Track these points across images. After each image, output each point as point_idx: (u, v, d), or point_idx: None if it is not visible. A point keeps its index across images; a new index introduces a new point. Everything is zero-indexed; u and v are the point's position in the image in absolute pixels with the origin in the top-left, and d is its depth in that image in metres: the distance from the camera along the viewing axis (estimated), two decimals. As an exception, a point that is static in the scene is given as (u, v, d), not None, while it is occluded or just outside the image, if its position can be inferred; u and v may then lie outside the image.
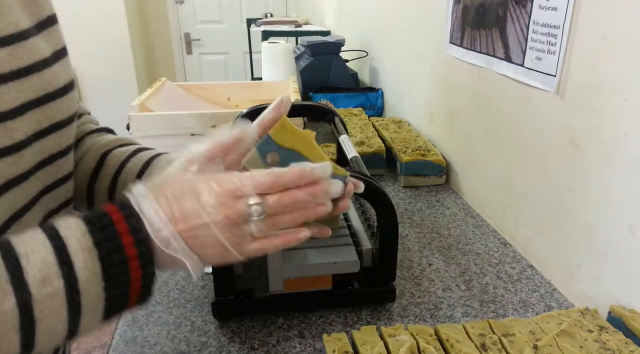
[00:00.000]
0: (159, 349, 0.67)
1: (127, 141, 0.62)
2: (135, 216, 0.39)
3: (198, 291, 0.79)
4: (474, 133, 1.07)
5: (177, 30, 4.06)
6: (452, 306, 0.75)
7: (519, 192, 0.91)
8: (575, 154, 0.74)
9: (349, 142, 0.90)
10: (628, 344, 0.59)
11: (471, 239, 0.94)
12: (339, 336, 0.62)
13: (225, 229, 0.40)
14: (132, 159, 0.58)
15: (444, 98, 1.22)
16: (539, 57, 0.79)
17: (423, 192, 1.14)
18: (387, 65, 1.73)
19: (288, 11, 4.11)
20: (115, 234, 0.38)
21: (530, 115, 0.85)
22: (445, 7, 1.13)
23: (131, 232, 0.38)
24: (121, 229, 0.38)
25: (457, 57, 1.10)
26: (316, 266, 0.71)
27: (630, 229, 0.65)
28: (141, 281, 0.39)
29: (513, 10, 0.86)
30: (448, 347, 0.59)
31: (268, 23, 2.68)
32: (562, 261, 0.79)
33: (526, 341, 0.60)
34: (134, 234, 0.38)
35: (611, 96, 0.66)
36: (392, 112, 1.66)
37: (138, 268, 0.38)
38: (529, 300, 0.77)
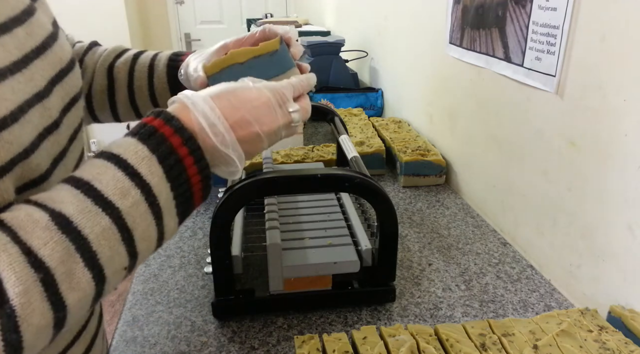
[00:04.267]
0: (159, 349, 0.67)
1: (120, 49, 0.68)
2: (174, 118, 0.41)
3: (198, 291, 0.79)
4: (473, 133, 1.07)
5: (177, 31, 4.07)
6: (452, 306, 0.75)
7: (518, 192, 0.91)
8: (574, 154, 0.74)
9: (349, 142, 0.90)
10: (628, 344, 0.59)
11: (471, 239, 0.94)
12: (338, 336, 0.62)
13: (271, 136, 0.46)
14: (135, 66, 0.65)
15: (444, 98, 1.22)
16: (538, 57, 0.80)
17: (423, 192, 1.14)
18: (387, 65, 1.73)
19: (288, 11, 4.11)
20: (163, 138, 0.40)
21: (529, 115, 0.85)
22: (445, 8, 1.13)
23: (177, 132, 0.40)
24: (167, 132, 0.40)
25: (457, 58, 1.10)
26: (316, 266, 0.71)
27: (630, 229, 0.65)
28: (199, 176, 0.41)
29: (513, 11, 0.86)
30: (448, 347, 0.60)
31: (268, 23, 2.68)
32: (561, 261, 0.79)
33: (526, 341, 0.60)
34: (180, 133, 0.40)
35: (611, 96, 0.66)
36: (392, 112, 1.66)
37: (193, 164, 0.41)
38: (529, 300, 0.77)
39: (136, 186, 0.38)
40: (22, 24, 0.41)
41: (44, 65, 0.42)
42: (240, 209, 0.79)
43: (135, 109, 0.67)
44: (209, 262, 0.71)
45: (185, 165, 0.40)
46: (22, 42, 0.40)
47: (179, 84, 0.63)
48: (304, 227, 0.80)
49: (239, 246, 0.74)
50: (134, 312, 0.75)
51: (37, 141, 0.38)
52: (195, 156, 0.41)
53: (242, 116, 0.44)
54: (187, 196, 0.41)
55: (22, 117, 0.37)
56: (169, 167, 0.39)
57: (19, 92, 0.37)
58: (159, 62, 0.65)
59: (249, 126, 0.44)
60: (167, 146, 0.40)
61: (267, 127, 0.45)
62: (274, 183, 0.66)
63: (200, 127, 0.41)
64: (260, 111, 0.45)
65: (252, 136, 0.44)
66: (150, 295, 0.78)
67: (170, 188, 0.39)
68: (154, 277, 0.83)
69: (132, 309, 0.75)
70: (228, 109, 0.43)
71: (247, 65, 0.55)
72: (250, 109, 0.44)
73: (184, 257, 0.88)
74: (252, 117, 0.44)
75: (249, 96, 0.45)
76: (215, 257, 0.68)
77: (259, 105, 0.45)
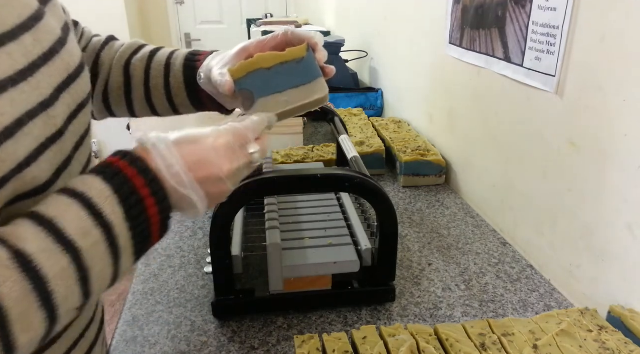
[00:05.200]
0: (159, 349, 0.67)
1: (137, 45, 0.68)
2: (139, 160, 0.41)
3: (198, 291, 0.79)
4: (473, 133, 1.07)
5: (178, 31, 4.06)
6: (451, 305, 0.75)
7: (518, 192, 0.91)
8: (574, 154, 0.74)
9: (349, 142, 0.90)
10: (627, 344, 0.59)
11: (471, 239, 0.94)
12: (338, 336, 0.62)
13: (232, 177, 0.46)
14: (152, 65, 0.65)
15: (444, 98, 1.22)
16: (538, 57, 0.80)
17: (423, 192, 1.14)
18: (387, 65, 1.73)
19: (288, 11, 4.11)
20: (127, 179, 0.40)
21: (529, 115, 0.85)
22: (445, 8, 1.13)
23: (140, 174, 0.41)
24: (130, 174, 0.40)
25: (457, 58, 1.10)
26: (316, 266, 0.71)
27: (630, 229, 0.65)
28: (159, 216, 0.42)
29: (512, 11, 0.86)
30: (448, 347, 0.60)
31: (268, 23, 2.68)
32: (561, 261, 0.79)
33: (526, 340, 0.60)
34: (144, 175, 0.41)
35: (610, 96, 0.66)
36: (391, 112, 1.66)
37: (154, 204, 0.41)
38: (529, 300, 0.77)
39: (98, 225, 0.37)
40: (30, 30, 0.40)
41: (51, 72, 0.41)
42: (240, 209, 0.79)
43: (152, 106, 0.67)
44: (209, 262, 0.71)
45: (146, 205, 0.40)
46: (30, 49, 0.39)
47: (195, 84, 0.63)
48: (304, 227, 0.80)
49: (239, 246, 0.74)
50: (134, 312, 0.75)
51: (36, 153, 0.38)
52: (157, 197, 0.41)
53: (201, 158, 0.44)
54: (145, 235, 0.41)
55: (20, 131, 0.36)
56: (129, 207, 0.39)
57: (20, 103, 0.37)
58: (175, 61, 0.65)
59: (208, 166, 0.44)
60: (130, 187, 0.40)
61: (227, 167, 0.45)
62: (274, 183, 0.66)
63: (160, 171, 0.42)
64: (220, 153, 0.45)
65: (212, 176, 0.44)
66: (151, 295, 0.78)
67: (128, 228, 0.39)
68: (154, 277, 0.83)
69: (132, 309, 0.75)
70: (187, 152, 0.44)
71: (274, 71, 0.54)
72: (209, 150, 0.45)
73: (184, 257, 0.88)
74: (211, 159, 0.44)
75: (209, 138, 0.46)
76: (215, 257, 0.68)
77: (219, 147, 0.45)
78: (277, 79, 0.54)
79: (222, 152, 0.45)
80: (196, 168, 0.43)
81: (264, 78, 0.54)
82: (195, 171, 0.43)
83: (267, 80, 0.54)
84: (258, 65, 0.54)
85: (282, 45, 0.58)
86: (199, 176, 0.43)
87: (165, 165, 0.42)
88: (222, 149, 0.45)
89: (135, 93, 0.66)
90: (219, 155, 0.45)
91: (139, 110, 0.68)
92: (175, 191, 0.42)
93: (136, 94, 0.66)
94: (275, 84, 0.54)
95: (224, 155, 0.45)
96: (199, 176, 0.43)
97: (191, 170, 0.43)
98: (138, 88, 0.65)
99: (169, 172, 0.42)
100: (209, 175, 0.44)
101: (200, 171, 0.44)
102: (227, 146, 0.46)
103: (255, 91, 0.54)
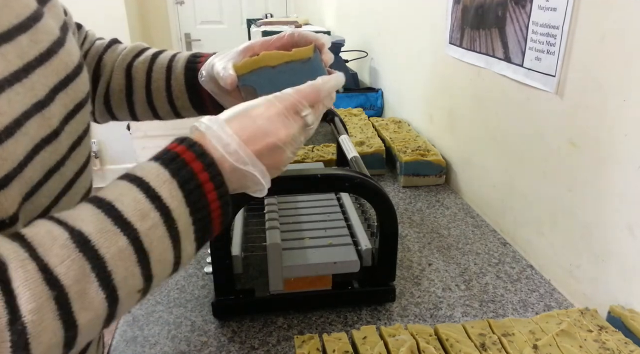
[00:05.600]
0: (159, 349, 0.67)
1: (139, 48, 0.68)
2: (196, 144, 0.41)
3: (198, 291, 0.79)
4: (473, 133, 1.07)
5: (178, 31, 4.06)
6: (451, 305, 0.75)
7: (518, 192, 0.91)
8: (574, 154, 0.74)
9: (349, 142, 0.90)
10: (627, 344, 0.59)
11: (471, 239, 0.94)
12: (338, 336, 0.62)
13: (289, 143, 0.45)
14: (153, 67, 0.65)
15: (444, 98, 1.22)
16: (538, 57, 0.80)
17: (423, 192, 1.14)
18: (387, 65, 1.73)
19: (288, 11, 4.11)
20: (185, 163, 0.40)
21: (530, 115, 0.85)
22: (445, 8, 1.13)
23: (198, 158, 0.40)
24: (188, 158, 0.40)
25: (457, 58, 1.10)
26: (316, 266, 0.71)
27: (630, 229, 0.65)
28: (218, 202, 0.41)
29: (512, 11, 0.86)
30: (448, 347, 0.60)
31: (268, 23, 2.68)
32: (561, 260, 0.79)
33: (526, 340, 0.60)
34: (202, 159, 0.40)
35: (610, 96, 0.66)
36: (391, 112, 1.66)
37: (212, 190, 0.41)
38: (529, 300, 0.77)
39: (156, 208, 0.38)
40: (27, 31, 0.40)
41: (47, 73, 0.41)
42: (240, 209, 0.79)
43: (153, 109, 0.67)
44: (209, 262, 0.71)
45: (205, 190, 0.40)
46: (25, 50, 0.39)
47: (196, 86, 0.63)
48: (304, 227, 0.80)
49: (239, 246, 0.74)
50: (134, 312, 0.75)
51: (32, 154, 0.38)
52: (215, 182, 0.41)
53: (255, 130, 0.44)
54: (205, 221, 0.41)
55: (18, 131, 0.36)
56: (188, 192, 0.39)
57: (16, 104, 0.37)
58: (177, 63, 0.65)
59: (263, 137, 0.44)
60: (188, 171, 0.40)
61: (282, 135, 0.44)
62: (274, 183, 0.66)
63: (218, 152, 0.41)
64: (273, 121, 0.45)
65: (269, 147, 0.44)
66: (150, 295, 0.78)
67: (189, 213, 0.39)
68: (154, 277, 0.83)
69: (132, 309, 0.75)
70: (240, 127, 0.43)
71: (279, 69, 0.54)
72: (262, 122, 0.44)
73: (184, 257, 0.88)
74: (265, 129, 0.44)
75: (259, 109, 0.45)
76: (215, 257, 0.68)
77: (271, 115, 0.45)
78: (282, 78, 0.54)
79: (274, 120, 0.45)
80: (253, 141, 0.43)
81: (269, 76, 0.54)
82: (252, 144, 0.43)
83: (272, 78, 0.54)
84: (263, 63, 0.54)
85: (287, 46, 0.58)
86: (256, 149, 0.43)
87: (222, 145, 0.42)
88: (274, 117, 0.45)
89: (137, 95, 0.66)
90: (273, 123, 0.44)
91: (141, 113, 0.68)
92: (235, 171, 0.42)
93: (138, 96, 0.66)
94: (279, 82, 0.54)
95: (277, 122, 0.45)
96: (256, 148, 0.43)
97: (248, 144, 0.43)
98: (139, 90, 0.65)
99: (227, 152, 0.42)
100: (267, 145, 0.44)
101: (257, 143, 0.43)
102: (278, 112, 0.45)
103: (259, 89, 0.53)
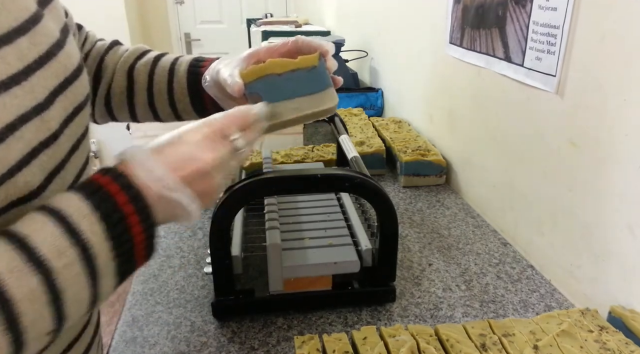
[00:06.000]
0: (159, 349, 0.67)
1: (141, 50, 0.68)
2: (122, 175, 0.39)
3: (198, 291, 0.79)
4: (473, 133, 1.07)
5: (177, 31, 4.06)
6: (452, 306, 0.75)
7: (519, 192, 0.91)
8: (575, 154, 0.74)
9: (349, 142, 0.90)
10: (628, 345, 0.59)
11: (471, 239, 0.94)
12: (339, 336, 0.62)
13: (217, 168, 0.44)
14: (155, 70, 0.65)
15: (444, 98, 1.22)
16: (538, 57, 0.79)
17: (423, 192, 1.14)
18: (387, 65, 1.73)
19: (288, 11, 4.10)
20: (108, 195, 0.38)
21: (530, 115, 0.85)
22: (445, 7, 1.13)
23: (123, 190, 0.39)
24: (113, 190, 0.38)
25: (457, 57, 1.10)
26: (316, 266, 0.71)
27: (630, 228, 0.65)
28: (143, 235, 0.40)
29: (513, 11, 0.86)
30: (448, 347, 0.59)
31: (268, 23, 2.68)
32: (562, 261, 0.79)
33: (526, 341, 0.60)
34: (126, 191, 0.39)
35: (611, 95, 0.66)
36: (392, 112, 1.66)
37: (138, 223, 0.39)
38: (529, 300, 0.77)
39: (74, 245, 0.35)
40: (26, 33, 0.40)
41: (47, 76, 0.41)
42: (240, 209, 0.79)
43: (154, 111, 0.66)
44: (209, 263, 0.70)
45: (129, 223, 0.38)
46: (25, 52, 0.39)
47: (198, 90, 0.62)
48: (304, 227, 0.80)
49: (239, 246, 0.74)
50: (134, 312, 0.75)
51: (29, 157, 0.37)
52: (141, 215, 0.39)
53: (181, 156, 0.42)
54: (128, 255, 0.39)
55: (11, 136, 0.36)
56: (111, 225, 0.37)
57: (12, 108, 0.36)
58: (179, 66, 0.65)
59: (191, 162, 0.42)
60: (111, 204, 0.38)
61: (209, 159, 0.43)
62: (274, 183, 0.66)
63: (142, 181, 0.40)
64: (199, 146, 0.43)
65: (197, 172, 0.42)
66: (150, 295, 0.78)
67: (110, 247, 0.37)
68: (153, 277, 0.83)
69: (131, 309, 0.75)
70: (166, 154, 0.42)
71: (285, 77, 0.54)
72: (188, 147, 0.43)
73: (183, 258, 0.88)
74: (191, 154, 0.43)
75: (187, 136, 0.44)
76: (215, 257, 0.68)
77: (197, 141, 0.44)
78: (288, 85, 0.54)
79: (201, 145, 0.44)
80: (179, 167, 0.42)
81: (275, 84, 0.54)
82: (178, 170, 0.42)
83: (278, 86, 0.54)
84: (269, 71, 0.54)
85: (292, 53, 0.57)
86: (183, 175, 0.42)
87: (146, 171, 0.40)
88: (201, 142, 0.44)
89: (138, 97, 0.65)
90: (200, 148, 0.43)
91: (142, 115, 0.68)
92: (162, 199, 0.40)
93: (139, 98, 0.65)
94: (285, 90, 0.54)
95: (203, 146, 0.44)
96: (183, 174, 0.42)
97: (175, 171, 0.41)
98: (141, 92, 0.65)
99: (152, 178, 0.40)
100: (194, 170, 0.42)
101: (184, 169, 0.42)
102: (206, 137, 0.44)
103: (265, 96, 0.53)
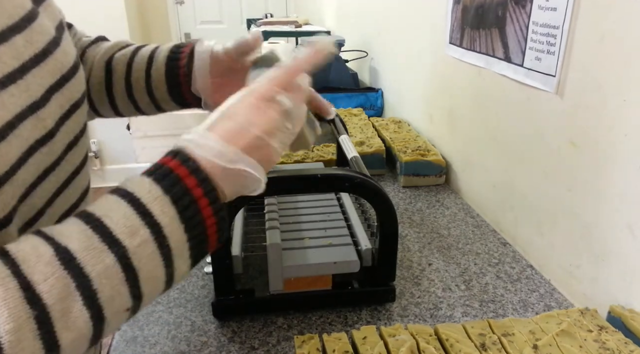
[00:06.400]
0: (159, 349, 0.67)
1: (123, 43, 0.67)
2: (190, 159, 0.40)
3: (198, 291, 0.79)
4: (473, 133, 1.07)
5: (178, 31, 4.07)
6: (451, 306, 0.75)
7: (518, 192, 0.91)
8: (574, 154, 0.74)
9: (349, 142, 0.90)
10: (628, 344, 0.59)
11: (471, 239, 0.94)
12: (338, 336, 0.62)
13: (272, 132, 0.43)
14: (135, 58, 0.64)
15: (444, 98, 1.22)
16: (538, 57, 0.80)
17: (423, 192, 1.14)
18: (387, 65, 1.73)
19: (288, 11, 4.11)
20: (178, 179, 0.39)
21: (530, 115, 0.85)
22: (445, 8, 1.13)
23: (192, 173, 0.39)
24: (182, 173, 0.39)
25: (457, 58, 1.10)
26: (316, 266, 0.71)
27: (630, 228, 0.65)
28: (214, 218, 0.40)
29: (512, 11, 0.86)
30: (448, 347, 0.60)
31: (268, 23, 2.68)
32: (561, 260, 0.79)
33: (526, 340, 0.60)
34: (195, 175, 0.39)
35: (610, 96, 0.66)
36: (392, 112, 1.66)
37: (207, 205, 0.40)
38: (529, 300, 0.77)
39: (146, 225, 0.37)
40: (22, 31, 0.40)
41: (43, 73, 0.41)
42: (240, 209, 0.79)
43: (134, 102, 0.65)
44: (209, 263, 0.71)
45: (199, 206, 0.39)
46: (20, 51, 0.39)
47: (176, 77, 0.62)
48: (304, 227, 0.80)
49: (239, 246, 0.74)
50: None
51: (26, 156, 0.38)
52: (210, 197, 0.40)
53: (235, 128, 0.43)
54: (201, 238, 0.40)
55: (11, 133, 0.36)
56: (183, 208, 0.38)
57: (10, 106, 0.36)
58: (158, 54, 0.64)
59: (244, 133, 0.42)
60: (182, 187, 0.39)
61: (263, 124, 0.43)
62: (274, 183, 0.65)
63: (206, 160, 0.40)
64: (249, 115, 0.43)
65: (253, 140, 0.43)
66: (150, 295, 0.78)
67: (184, 229, 0.38)
68: (154, 277, 0.83)
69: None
70: (221, 129, 0.42)
71: None
72: (239, 118, 0.43)
73: (184, 257, 0.88)
74: (243, 124, 0.43)
75: (234, 108, 0.44)
76: (215, 257, 0.68)
77: (245, 110, 0.44)
78: None
79: (250, 113, 0.43)
80: (234, 140, 0.42)
81: None
82: (236, 142, 0.42)
83: None
84: None
85: None
86: (241, 145, 0.42)
87: (207, 150, 0.41)
88: (249, 110, 0.44)
89: (117, 87, 0.64)
90: (249, 117, 0.43)
91: (122, 106, 0.66)
92: (227, 173, 0.41)
93: (117, 88, 0.64)
94: None
95: (253, 114, 0.43)
96: (240, 145, 0.42)
97: (232, 143, 0.41)
98: (119, 82, 0.64)
99: (212, 155, 0.40)
100: (249, 140, 0.42)
101: (241, 140, 0.42)
102: (251, 105, 0.44)
103: None
